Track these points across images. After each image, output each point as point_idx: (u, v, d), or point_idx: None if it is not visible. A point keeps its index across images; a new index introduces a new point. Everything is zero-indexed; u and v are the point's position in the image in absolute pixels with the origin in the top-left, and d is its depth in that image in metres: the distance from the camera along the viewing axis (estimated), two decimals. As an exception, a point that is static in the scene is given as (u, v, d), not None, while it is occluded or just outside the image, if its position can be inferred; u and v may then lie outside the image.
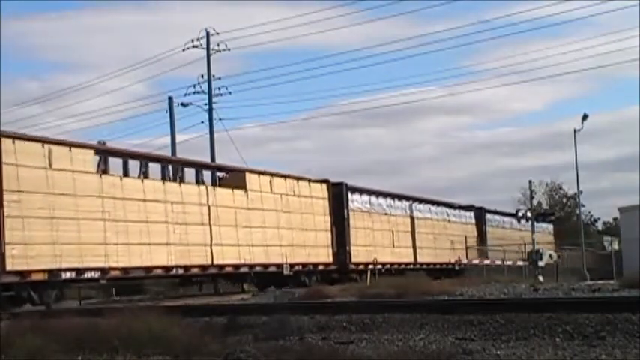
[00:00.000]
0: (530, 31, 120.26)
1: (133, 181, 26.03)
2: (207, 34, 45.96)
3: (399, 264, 39.81)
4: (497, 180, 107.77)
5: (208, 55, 46.10)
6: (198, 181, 29.12)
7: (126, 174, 26.00)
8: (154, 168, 27.56)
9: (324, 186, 35.24)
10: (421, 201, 44.19)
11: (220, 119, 46.00)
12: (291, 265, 32.05)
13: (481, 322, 12.57)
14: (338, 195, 35.64)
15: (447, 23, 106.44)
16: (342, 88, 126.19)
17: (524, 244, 45.47)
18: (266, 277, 31.76)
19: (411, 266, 40.77)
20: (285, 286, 29.86)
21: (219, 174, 31.14)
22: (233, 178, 30.97)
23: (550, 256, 41.91)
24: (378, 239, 38.51)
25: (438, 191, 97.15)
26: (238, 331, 13.34)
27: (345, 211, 36.01)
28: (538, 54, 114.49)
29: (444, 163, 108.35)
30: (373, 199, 38.93)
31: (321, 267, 34.31)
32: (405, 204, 42.05)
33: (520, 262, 44.48)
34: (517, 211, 46.81)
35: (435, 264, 43.15)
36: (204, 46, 45.96)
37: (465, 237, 46.80)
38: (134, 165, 26.80)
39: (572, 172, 55.95)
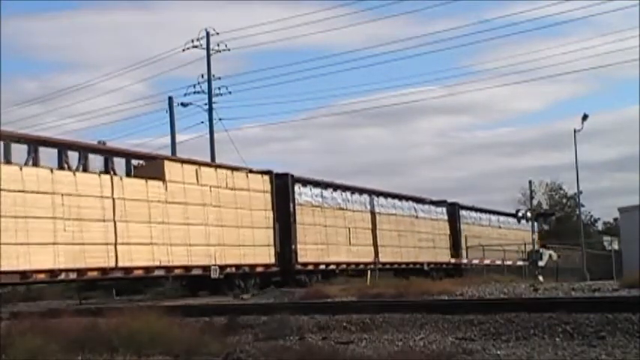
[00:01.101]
0: (531, 31, 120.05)
1: (8, 169, 21.89)
2: (207, 34, 45.99)
3: (357, 264, 36.31)
4: (497, 180, 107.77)
5: (208, 55, 46.11)
6: (107, 170, 25.23)
7: (8, 161, 22.33)
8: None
9: (266, 177, 31.40)
10: (384, 195, 40.42)
11: (220, 119, 46.02)
12: (222, 267, 28.25)
13: (481, 322, 12.58)
14: (283, 187, 32.01)
15: (447, 23, 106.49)
16: (342, 88, 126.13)
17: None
18: (190, 280, 29.04)
19: (372, 266, 36.91)
20: (218, 290, 27.91)
21: (134, 162, 27.11)
22: (149, 168, 26.82)
23: (550, 256, 41.92)
24: (332, 237, 34.88)
25: (438, 191, 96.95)
26: (238, 331, 13.36)
27: (292, 205, 32.25)
28: (538, 54, 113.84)
29: (444, 163, 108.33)
30: (326, 192, 35.22)
31: (260, 269, 30.63)
32: (365, 198, 38.26)
33: (499, 262, 43.04)
34: (517, 211, 46.81)
35: (400, 264, 39.65)
36: (204, 46, 45.98)
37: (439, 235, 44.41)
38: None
39: (572, 172, 55.91)
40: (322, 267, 34.14)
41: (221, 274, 28.12)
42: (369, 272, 34.57)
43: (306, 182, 34.35)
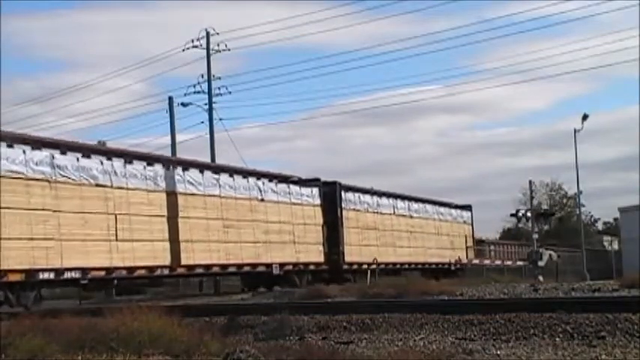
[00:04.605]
0: (531, 31, 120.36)
1: None
2: (207, 34, 45.97)
3: (132, 268, 25.07)
4: (498, 180, 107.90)
5: (208, 55, 46.09)
6: None
7: None
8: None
9: None
10: (198, 167, 29.29)
11: (220, 119, 45.95)
12: None
13: (481, 322, 12.59)
14: None
15: (447, 22, 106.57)
16: (342, 88, 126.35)
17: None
18: None
19: (167, 271, 26.80)
20: None
21: None
22: None
23: (550, 256, 41.94)
24: (73, 227, 23.01)
25: (438, 191, 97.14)
26: (238, 331, 13.37)
27: None
28: (538, 54, 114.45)
29: (444, 162, 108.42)
30: (67, 159, 23.41)
31: None
32: (157, 170, 26.60)
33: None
34: (517, 211, 46.78)
35: (225, 266, 29.04)
36: (204, 46, 45.97)
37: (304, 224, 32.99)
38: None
39: (572, 171, 55.96)
40: (48, 276, 22.28)
41: None
42: (369, 272, 34.33)
43: (19, 141, 22.60)
